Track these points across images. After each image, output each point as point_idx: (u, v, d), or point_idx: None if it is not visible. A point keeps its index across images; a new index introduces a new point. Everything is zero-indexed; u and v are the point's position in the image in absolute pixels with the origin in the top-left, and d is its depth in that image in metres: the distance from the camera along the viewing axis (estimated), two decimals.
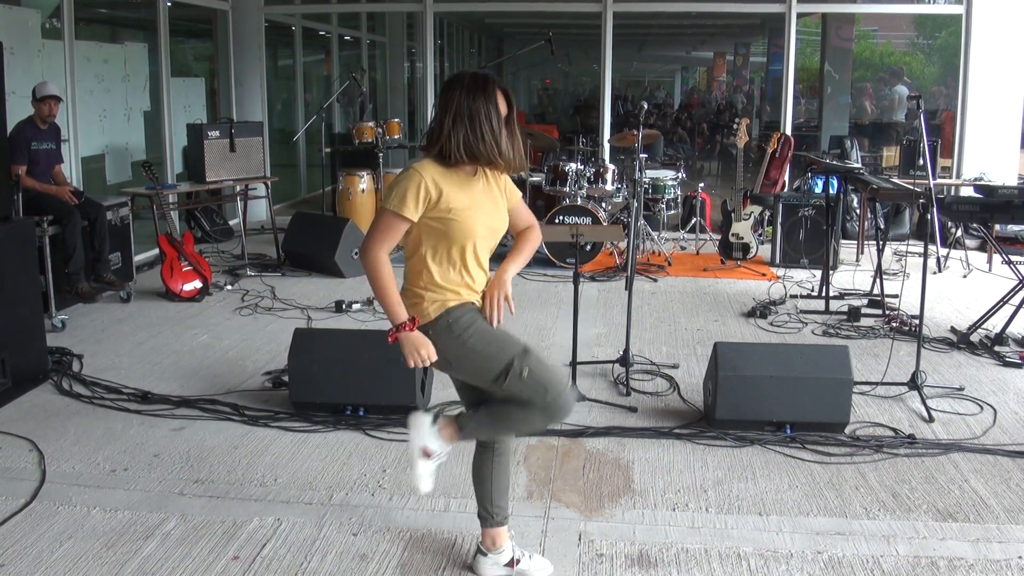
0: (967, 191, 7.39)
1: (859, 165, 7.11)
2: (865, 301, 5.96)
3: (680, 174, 7.91)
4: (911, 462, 3.64)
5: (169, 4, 8.10)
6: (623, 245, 7.36)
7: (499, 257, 2.64)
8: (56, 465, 3.58)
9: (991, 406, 4.24)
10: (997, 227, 7.30)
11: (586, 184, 7.25)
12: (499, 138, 2.49)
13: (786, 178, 8.51)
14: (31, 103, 5.70)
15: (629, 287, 4.66)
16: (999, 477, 3.51)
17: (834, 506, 3.27)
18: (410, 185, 2.46)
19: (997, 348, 5.01)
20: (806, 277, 6.83)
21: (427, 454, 2.73)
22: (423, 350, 2.51)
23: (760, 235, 7.60)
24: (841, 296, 6.14)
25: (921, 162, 7.31)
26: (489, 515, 2.80)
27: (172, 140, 8.11)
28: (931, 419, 4.06)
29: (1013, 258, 5.59)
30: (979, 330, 5.27)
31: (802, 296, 6.23)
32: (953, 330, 5.42)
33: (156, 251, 6.85)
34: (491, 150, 2.48)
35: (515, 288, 7.26)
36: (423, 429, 2.73)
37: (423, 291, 2.55)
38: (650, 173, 7.73)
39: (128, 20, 9.37)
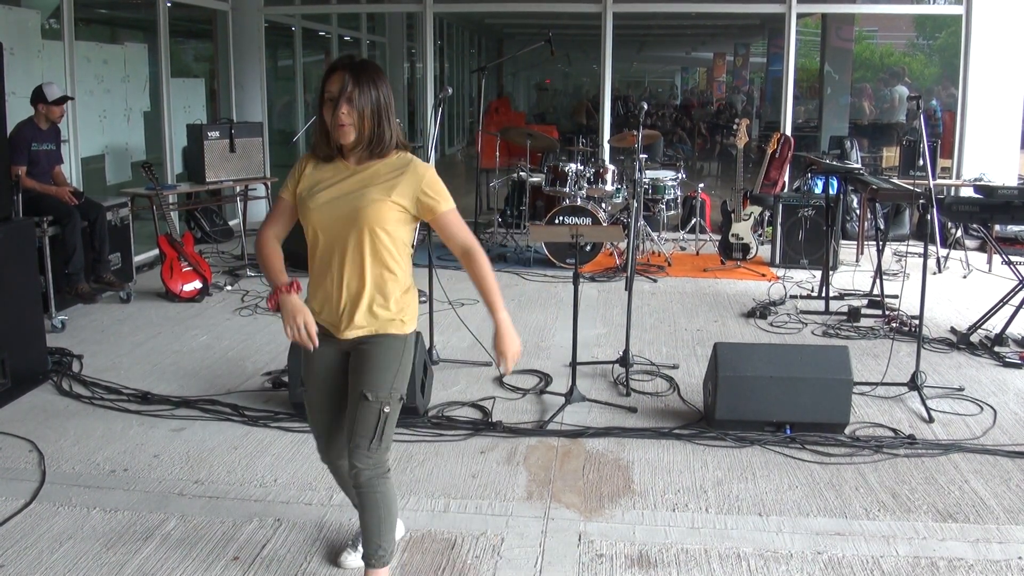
0: (967, 191, 7.38)
1: (859, 166, 7.11)
2: (865, 301, 5.96)
3: (680, 175, 7.92)
4: (911, 463, 3.64)
5: (169, 4, 8.09)
6: (623, 246, 7.37)
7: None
8: (56, 466, 3.58)
9: (991, 407, 4.24)
10: (997, 227, 7.31)
11: (586, 185, 7.25)
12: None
13: (786, 179, 8.51)
14: (38, 106, 5.67)
15: (629, 287, 4.66)
16: (999, 478, 3.51)
17: (834, 506, 3.27)
18: None
19: (997, 348, 5.01)
20: (806, 277, 6.83)
21: None
22: (300, 317, 2.39)
23: (760, 235, 7.60)
24: (841, 296, 6.14)
25: (921, 162, 7.31)
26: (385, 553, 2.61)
27: (172, 141, 8.11)
28: (931, 420, 4.06)
29: (1013, 258, 5.59)
30: (979, 330, 5.27)
31: (802, 296, 6.23)
32: (953, 330, 5.42)
33: (156, 252, 6.85)
34: None
35: (514, 289, 7.29)
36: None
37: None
38: (650, 174, 7.73)
39: (128, 21, 9.37)
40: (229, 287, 6.49)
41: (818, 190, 8.16)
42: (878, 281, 5.95)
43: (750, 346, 4.47)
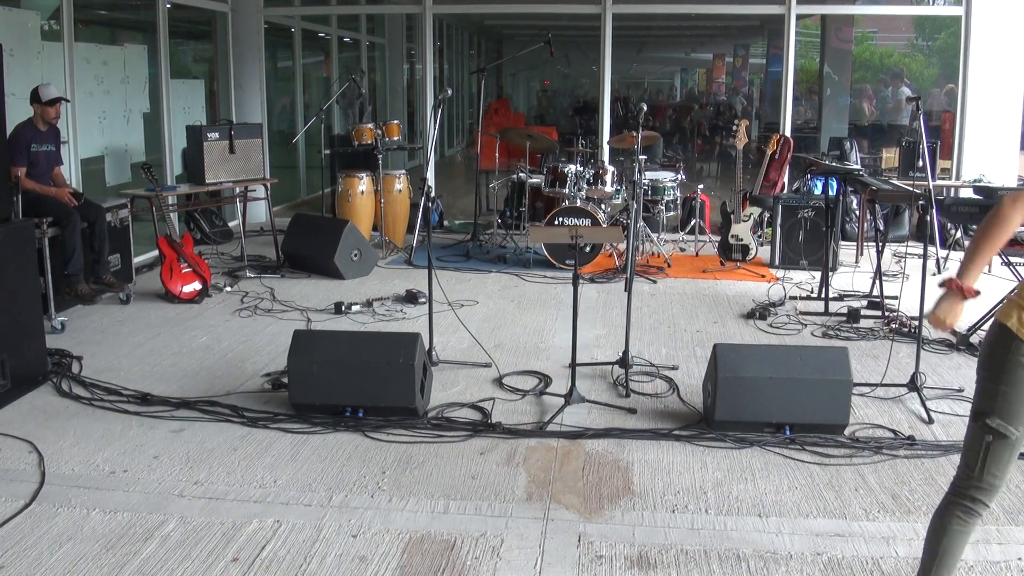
0: (966, 192, 7.39)
1: (858, 166, 7.11)
2: (864, 303, 5.96)
3: (679, 176, 7.92)
4: (911, 464, 3.64)
5: (168, 6, 8.10)
6: (622, 247, 7.37)
7: None
8: (55, 467, 3.58)
9: None
10: None
11: (585, 186, 7.25)
12: None
13: (785, 180, 8.51)
14: (34, 107, 5.68)
15: (628, 289, 4.66)
16: None
17: (834, 508, 3.27)
18: None
19: None
20: (805, 279, 6.83)
21: None
22: (950, 319, 2.24)
23: (759, 236, 7.60)
24: (840, 298, 6.14)
25: (920, 163, 7.31)
26: None
27: (171, 142, 8.12)
28: (931, 420, 4.06)
29: (1012, 259, 5.59)
30: (978, 332, 5.27)
31: (801, 298, 6.23)
32: (953, 332, 5.42)
33: (155, 253, 6.85)
34: None
35: (514, 290, 7.26)
36: None
37: None
38: (649, 175, 7.73)
39: (127, 22, 9.38)
40: (229, 288, 6.49)
41: (817, 191, 8.17)
42: (878, 282, 5.95)
43: (750, 347, 4.47)
